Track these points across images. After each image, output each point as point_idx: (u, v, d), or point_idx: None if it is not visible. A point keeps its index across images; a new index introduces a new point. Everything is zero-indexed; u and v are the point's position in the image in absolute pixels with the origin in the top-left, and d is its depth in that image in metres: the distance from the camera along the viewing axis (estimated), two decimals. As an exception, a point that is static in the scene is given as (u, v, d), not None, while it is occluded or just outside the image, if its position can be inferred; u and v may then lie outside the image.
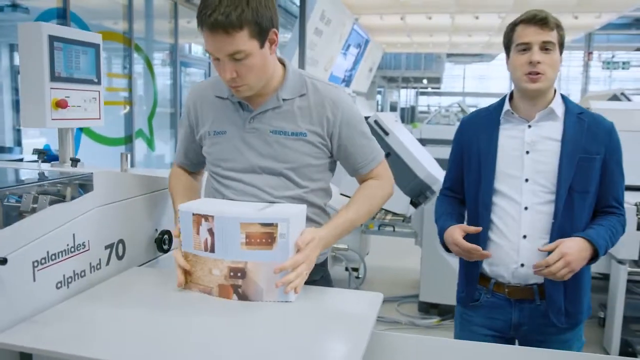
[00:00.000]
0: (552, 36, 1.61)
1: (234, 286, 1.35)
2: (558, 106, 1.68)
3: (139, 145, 7.28)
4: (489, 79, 31.02)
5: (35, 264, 1.27)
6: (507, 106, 1.72)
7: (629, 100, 6.14)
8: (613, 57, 22.70)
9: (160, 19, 7.95)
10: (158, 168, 8.07)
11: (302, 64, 8.65)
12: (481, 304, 1.75)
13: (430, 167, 4.11)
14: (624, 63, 21.22)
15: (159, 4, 7.82)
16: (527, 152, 1.67)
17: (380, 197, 1.66)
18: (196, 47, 9.09)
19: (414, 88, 29.56)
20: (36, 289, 1.28)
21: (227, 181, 1.56)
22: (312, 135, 1.54)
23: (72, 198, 1.45)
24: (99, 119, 2.27)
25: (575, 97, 26.14)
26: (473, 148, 1.75)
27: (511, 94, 1.75)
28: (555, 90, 1.71)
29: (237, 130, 1.55)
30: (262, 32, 1.40)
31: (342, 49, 16.53)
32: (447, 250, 1.76)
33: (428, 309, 3.99)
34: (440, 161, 4.54)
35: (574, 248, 1.54)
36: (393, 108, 18.11)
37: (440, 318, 3.89)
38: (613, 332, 3.38)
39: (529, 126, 1.68)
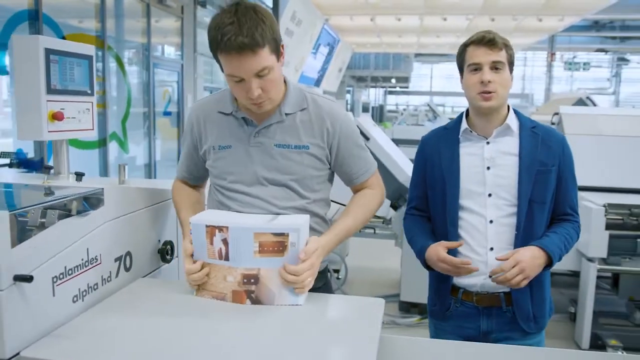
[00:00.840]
0: (501, 56, 1.68)
1: (247, 292, 1.42)
2: (512, 121, 1.75)
3: (112, 147, 7.21)
4: (456, 79, 31.54)
5: (55, 279, 1.31)
6: (464, 125, 1.79)
7: (594, 104, 6.40)
8: (574, 57, 23.42)
9: (131, 19, 7.88)
10: (136, 172, 8.02)
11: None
12: (451, 313, 1.81)
13: (408, 170, 4.23)
14: (584, 64, 21.93)
15: (131, 3, 7.74)
16: (488, 168, 1.73)
17: (374, 205, 1.75)
18: (169, 48, 9.04)
19: (383, 87, 29.88)
20: (55, 303, 1.31)
21: (233, 194, 1.62)
22: (314, 147, 1.61)
23: (78, 212, 1.48)
24: (92, 129, 2.29)
25: (539, 97, 26.77)
26: (435, 166, 1.81)
27: (467, 112, 1.82)
28: (508, 107, 1.79)
29: (242, 145, 1.61)
30: (277, 47, 1.48)
31: (312, 49, 16.61)
32: (428, 268, 1.79)
33: (409, 308, 4.11)
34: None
35: (528, 256, 1.63)
36: (365, 109, 18.22)
37: (420, 317, 4.01)
38: (584, 327, 3.56)
39: (488, 142, 1.75)
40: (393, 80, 28.30)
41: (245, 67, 1.43)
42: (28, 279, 1.18)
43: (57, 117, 2.05)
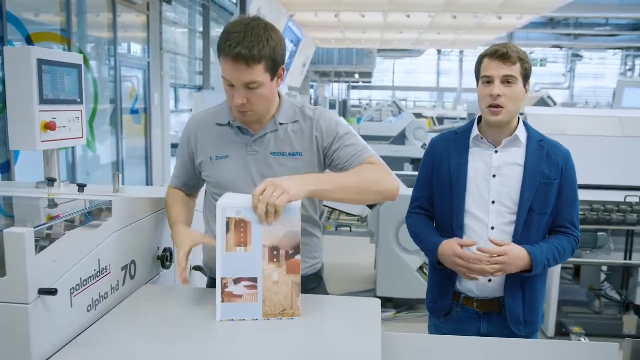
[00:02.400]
0: (514, 70, 1.75)
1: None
2: (522, 133, 1.85)
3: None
4: (417, 74, 32.03)
5: (72, 290, 1.36)
6: (476, 131, 1.87)
7: (554, 102, 6.68)
8: (532, 53, 24.14)
9: (97, 16, 7.75)
10: (101, 171, 7.90)
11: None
12: (452, 317, 1.92)
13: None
14: (541, 60, 22.63)
15: (96, 0, 7.62)
16: (494, 176, 1.83)
17: (372, 174, 1.62)
18: (135, 46, 8.92)
19: (346, 82, 30.07)
20: (73, 313, 1.37)
21: None
22: (307, 154, 1.71)
23: (91, 225, 1.54)
24: (82, 137, 2.32)
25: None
26: (444, 169, 1.89)
27: (479, 118, 1.91)
28: (519, 119, 1.88)
29: (240, 154, 1.69)
30: (275, 68, 1.58)
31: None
32: (438, 264, 1.87)
33: (384, 303, 4.22)
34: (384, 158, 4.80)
35: (516, 254, 1.74)
36: (332, 105, 18.26)
37: (396, 311, 4.16)
38: (549, 316, 3.76)
39: (496, 152, 1.85)
40: (356, 76, 28.53)
41: (237, 76, 1.54)
42: (53, 292, 1.23)
43: (49, 127, 2.08)
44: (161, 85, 9.14)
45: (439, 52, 30.55)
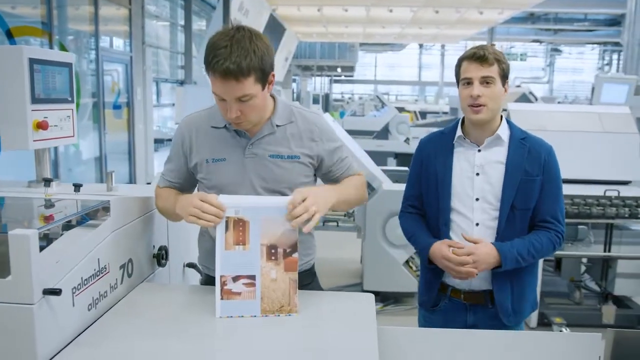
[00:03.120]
0: (492, 71, 1.81)
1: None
2: (504, 132, 1.90)
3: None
4: (399, 67, 32.17)
5: (74, 290, 1.39)
6: (459, 131, 1.93)
7: (536, 98, 6.80)
8: (512, 48, 24.43)
9: (78, 10, 7.66)
10: (83, 166, 7.83)
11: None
12: (440, 308, 1.99)
13: (369, 165, 4.41)
14: (522, 54, 22.91)
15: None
16: (477, 174, 1.89)
17: (361, 185, 1.86)
18: (117, 40, 8.84)
19: (328, 76, 30.08)
20: (75, 313, 1.39)
21: None
22: (304, 157, 1.74)
23: (90, 225, 1.56)
24: (73, 136, 2.32)
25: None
26: (430, 168, 1.96)
27: (463, 118, 1.96)
28: (501, 117, 1.93)
29: (237, 156, 1.71)
30: (265, 77, 1.58)
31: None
32: (431, 264, 1.93)
33: (371, 296, 4.31)
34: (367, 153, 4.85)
35: (484, 252, 1.80)
36: (315, 100, 18.22)
37: (383, 304, 4.22)
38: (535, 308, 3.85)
39: (479, 150, 1.91)
40: (339, 69, 28.55)
41: (227, 91, 1.54)
42: (57, 292, 1.25)
43: (41, 126, 2.08)
44: (143, 79, 9.07)
45: (421, 46, 30.72)
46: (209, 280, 1.82)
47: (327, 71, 28.40)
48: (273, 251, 1.50)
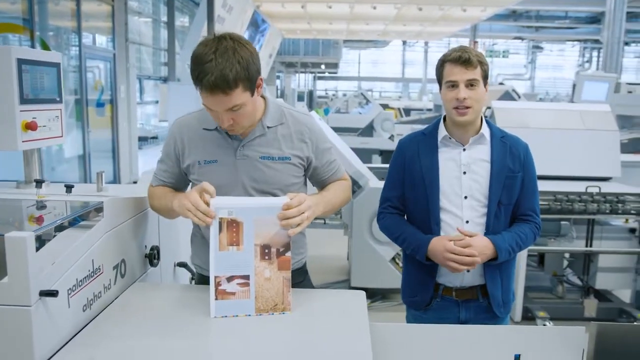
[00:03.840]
0: (476, 73, 1.86)
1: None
2: (486, 131, 1.96)
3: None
4: (382, 64, 32.27)
5: (69, 291, 1.39)
6: (443, 131, 1.97)
7: (519, 95, 6.89)
8: (494, 45, 24.64)
9: (57, 4, 7.56)
10: (66, 164, 7.75)
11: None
12: (432, 307, 2.02)
13: (355, 162, 4.44)
14: (504, 51, 23.14)
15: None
16: (464, 173, 1.93)
17: (348, 191, 1.92)
18: (100, 37, 8.75)
19: (312, 73, 30.06)
20: (70, 313, 1.40)
21: None
22: (294, 158, 1.77)
23: (85, 226, 1.56)
24: (61, 136, 2.32)
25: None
26: (415, 170, 1.97)
27: (444, 118, 2.00)
28: (482, 118, 1.98)
29: (229, 158, 1.73)
30: (252, 84, 1.60)
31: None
32: (428, 260, 1.93)
33: (358, 293, 4.35)
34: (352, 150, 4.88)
35: (481, 245, 1.85)
36: (300, 97, 18.19)
37: (370, 301, 4.26)
38: (517, 301, 3.93)
39: (464, 150, 1.95)
40: (322, 66, 28.54)
41: (217, 103, 1.56)
42: (54, 293, 1.26)
43: (30, 127, 2.07)
44: (127, 77, 9.00)
45: (404, 42, 30.84)
46: (202, 280, 1.83)
47: (311, 68, 28.39)
48: (267, 251, 1.53)
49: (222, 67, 1.50)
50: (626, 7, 12.25)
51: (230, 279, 1.52)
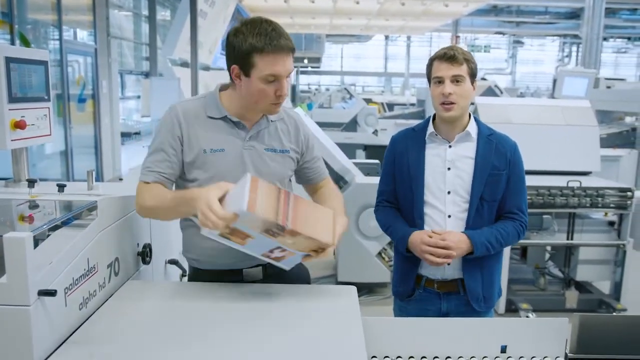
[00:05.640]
0: (462, 70, 1.91)
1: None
2: (473, 129, 2.01)
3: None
4: (365, 59, 32.28)
5: (66, 290, 1.41)
6: (431, 128, 2.03)
7: (501, 91, 6.98)
8: (476, 39, 24.83)
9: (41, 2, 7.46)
10: (47, 160, 7.65)
11: (194, 49, 8.57)
12: (415, 298, 2.08)
13: (341, 158, 4.47)
14: (485, 46, 23.34)
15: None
16: (449, 169, 1.99)
17: (341, 196, 2.01)
18: (81, 32, 8.64)
19: (295, 67, 29.92)
20: (67, 312, 1.41)
21: None
22: (292, 152, 1.85)
23: (80, 225, 1.58)
24: (50, 135, 2.31)
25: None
26: (404, 164, 2.04)
27: (434, 116, 2.06)
28: (470, 115, 2.04)
29: (236, 148, 1.76)
30: None
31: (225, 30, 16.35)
32: (408, 252, 2.01)
33: (345, 287, 4.39)
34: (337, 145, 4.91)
35: (455, 240, 1.91)
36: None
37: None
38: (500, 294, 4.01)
39: (450, 146, 2.00)
40: (305, 61, 28.45)
41: (287, 66, 1.66)
42: (52, 293, 1.28)
43: (19, 125, 2.07)
44: (109, 72, 8.90)
45: (387, 37, 30.89)
46: (196, 275, 1.85)
47: (293, 62, 28.29)
48: (271, 231, 1.50)
49: (284, 32, 1.64)
50: (605, 3, 12.45)
51: (270, 252, 1.56)
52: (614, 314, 3.86)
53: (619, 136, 6.16)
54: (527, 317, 3.71)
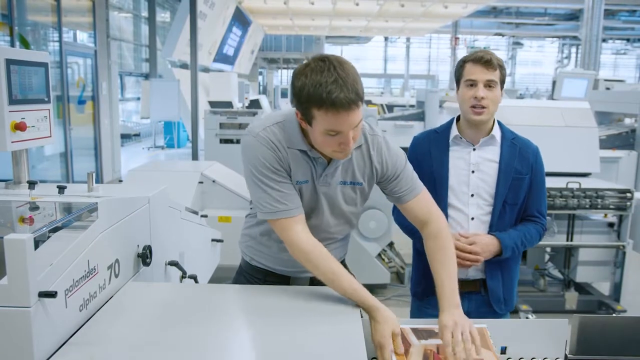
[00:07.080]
0: (495, 75, 1.90)
1: None
2: (497, 133, 2.01)
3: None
4: (364, 60, 32.32)
5: (67, 292, 1.41)
6: (455, 131, 2.02)
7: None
8: (475, 41, 24.85)
9: (39, 0, 7.46)
10: (46, 162, 7.65)
11: (194, 50, 8.58)
12: (435, 297, 2.09)
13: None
14: (485, 47, 23.35)
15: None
16: (473, 172, 1.99)
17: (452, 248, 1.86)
18: (81, 34, 8.65)
19: (294, 69, 29.98)
20: (67, 314, 1.41)
21: None
22: (365, 184, 1.76)
23: (81, 226, 1.58)
24: (50, 136, 2.31)
25: (444, 78, 27.84)
26: (426, 166, 2.02)
27: (457, 117, 2.05)
28: (494, 119, 2.03)
29: (313, 181, 1.70)
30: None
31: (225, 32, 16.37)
32: None
33: (345, 288, 4.39)
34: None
35: (484, 242, 1.93)
36: (284, 94, 18.09)
37: (356, 296, 4.31)
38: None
39: (474, 149, 2.00)
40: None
41: (350, 121, 1.48)
42: (53, 294, 1.28)
43: (19, 127, 2.07)
44: (109, 73, 8.92)
45: (386, 38, 30.93)
46: (249, 266, 1.89)
47: (293, 64, 28.32)
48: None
49: (350, 81, 1.45)
50: (604, 4, 12.47)
51: None
52: (614, 315, 3.86)
53: (618, 137, 6.16)
54: (527, 318, 3.72)
